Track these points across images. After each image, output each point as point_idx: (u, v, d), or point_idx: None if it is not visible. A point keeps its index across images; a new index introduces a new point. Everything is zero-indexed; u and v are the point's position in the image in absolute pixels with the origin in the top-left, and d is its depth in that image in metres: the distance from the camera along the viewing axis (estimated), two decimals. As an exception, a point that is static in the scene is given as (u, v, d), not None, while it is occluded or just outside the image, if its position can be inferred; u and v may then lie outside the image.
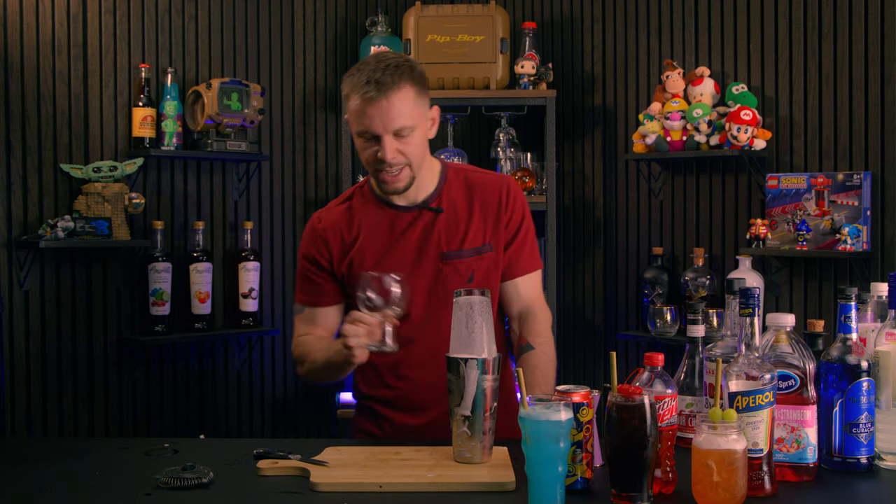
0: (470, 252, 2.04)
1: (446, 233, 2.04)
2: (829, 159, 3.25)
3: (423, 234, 2.05)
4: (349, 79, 1.96)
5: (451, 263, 2.03)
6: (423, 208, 2.06)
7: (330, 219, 2.12)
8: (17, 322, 3.12)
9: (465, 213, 2.06)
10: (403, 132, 1.95)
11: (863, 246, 3.09)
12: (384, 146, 1.94)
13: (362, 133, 1.95)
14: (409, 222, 2.06)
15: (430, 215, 2.06)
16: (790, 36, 3.34)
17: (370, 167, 2.00)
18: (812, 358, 1.61)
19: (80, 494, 1.59)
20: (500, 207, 2.08)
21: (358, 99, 1.93)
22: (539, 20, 3.88)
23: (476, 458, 1.69)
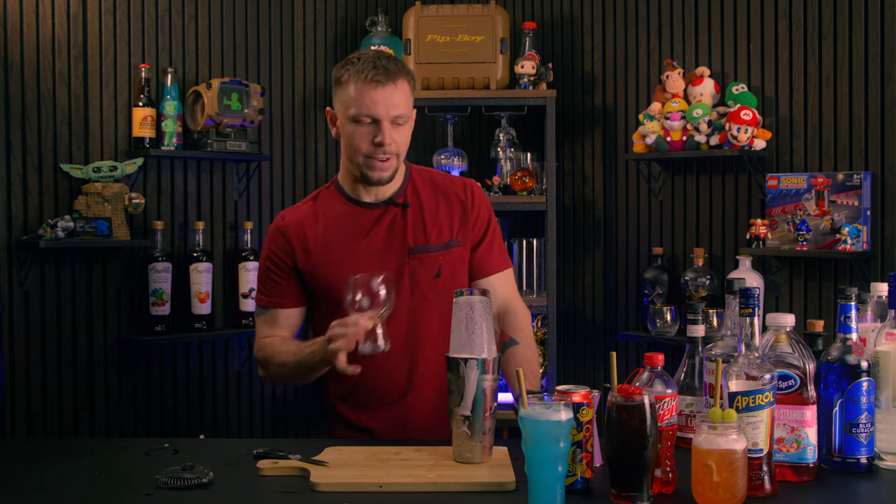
0: (437, 246, 2.07)
1: (413, 227, 2.07)
2: (829, 159, 3.25)
3: (389, 228, 2.07)
4: (349, 66, 2.00)
5: (418, 257, 2.05)
6: (389, 204, 2.09)
7: (294, 217, 2.13)
8: (17, 322, 3.12)
9: (432, 209, 2.10)
10: (400, 120, 2.00)
11: (863, 246, 3.09)
12: (384, 130, 1.98)
13: (360, 117, 1.98)
14: (376, 218, 2.08)
15: (396, 211, 2.08)
16: (790, 36, 3.34)
17: (359, 154, 2.01)
18: (812, 358, 1.61)
19: (80, 494, 1.59)
20: (466, 207, 2.12)
21: (361, 83, 1.97)
22: (539, 20, 3.89)
23: (476, 458, 1.69)
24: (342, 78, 2.01)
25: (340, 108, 2.03)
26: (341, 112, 2.03)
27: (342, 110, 2.02)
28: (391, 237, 2.07)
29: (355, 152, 2.02)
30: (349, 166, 2.07)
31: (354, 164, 2.04)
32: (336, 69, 2.05)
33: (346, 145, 2.04)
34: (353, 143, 2.01)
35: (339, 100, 2.03)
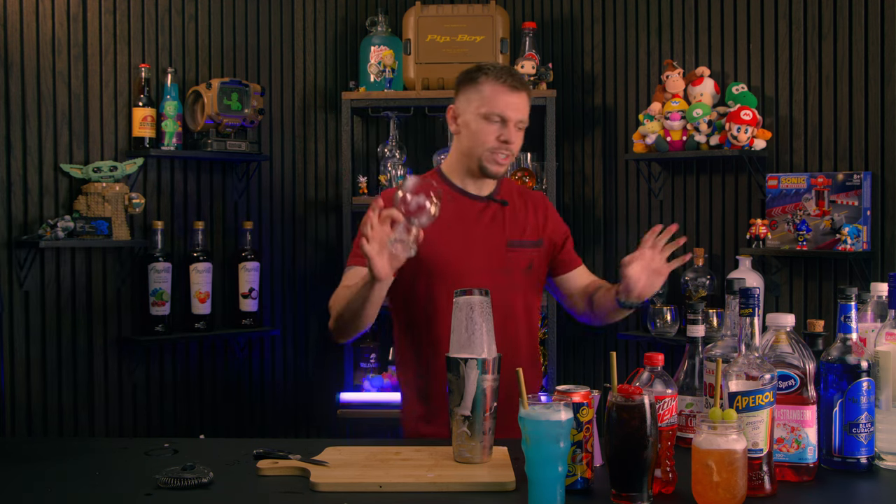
0: (530, 243, 2.26)
1: (511, 224, 2.26)
2: (829, 159, 3.25)
3: (492, 221, 2.25)
4: (487, 70, 2.23)
5: (514, 250, 2.24)
6: (490, 200, 2.27)
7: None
8: (17, 322, 3.12)
9: (523, 210, 2.30)
10: (521, 125, 2.23)
11: (863, 246, 3.09)
12: (511, 130, 2.19)
13: (491, 115, 2.18)
14: (480, 210, 2.26)
15: (497, 206, 2.27)
16: (790, 36, 3.34)
17: (483, 148, 2.19)
18: (812, 358, 1.61)
19: (80, 494, 1.59)
20: (547, 216, 2.35)
21: (499, 84, 2.20)
22: (539, 20, 3.88)
23: (476, 458, 1.69)
24: (478, 78, 2.22)
25: (469, 106, 2.22)
26: (470, 109, 2.22)
27: (472, 107, 2.21)
28: (492, 229, 2.24)
29: (479, 146, 2.20)
30: (464, 159, 2.24)
31: (474, 157, 2.22)
32: (469, 71, 2.27)
33: (470, 139, 2.22)
34: (480, 138, 2.20)
35: (469, 98, 2.23)
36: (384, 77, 3.66)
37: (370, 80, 3.71)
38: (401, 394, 2.28)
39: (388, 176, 3.66)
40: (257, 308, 3.61)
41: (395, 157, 3.68)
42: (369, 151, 3.94)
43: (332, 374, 3.89)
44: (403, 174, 3.68)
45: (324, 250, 3.92)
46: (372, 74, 3.71)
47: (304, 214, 3.88)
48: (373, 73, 3.71)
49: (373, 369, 3.69)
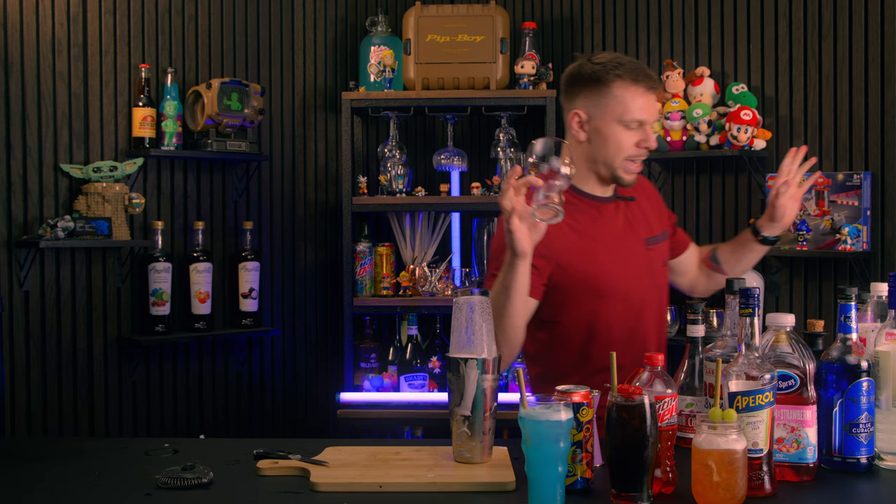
0: (662, 237, 2.19)
1: (642, 219, 2.17)
2: (829, 159, 3.25)
3: (626, 222, 2.14)
4: (619, 70, 2.02)
5: (652, 248, 2.14)
6: (618, 199, 2.15)
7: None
8: (17, 322, 3.12)
9: (646, 204, 2.21)
10: (653, 127, 2.09)
11: (863, 246, 3.09)
12: (649, 134, 2.05)
13: (630, 120, 2.02)
14: (612, 212, 2.14)
15: (625, 204, 2.16)
16: (790, 36, 3.34)
17: (620, 156, 2.05)
18: (812, 358, 1.61)
19: (80, 494, 1.59)
20: (659, 200, 2.28)
21: (635, 86, 2.02)
22: (539, 20, 3.88)
23: (476, 458, 1.69)
24: (608, 80, 2.03)
25: (599, 110, 2.04)
26: (601, 114, 2.04)
27: (603, 112, 2.03)
28: (629, 229, 2.13)
29: (616, 154, 2.05)
30: (593, 166, 2.09)
31: (608, 166, 2.07)
32: (593, 71, 2.05)
33: (604, 147, 2.05)
34: (617, 146, 2.04)
35: (598, 102, 2.04)
36: (384, 77, 3.66)
37: (370, 80, 3.71)
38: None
39: (388, 176, 3.66)
40: (257, 308, 3.61)
41: (395, 157, 3.68)
42: (369, 151, 3.94)
43: (332, 374, 3.89)
44: (403, 174, 3.68)
45: (324, 250, 3.92)
46: (372, 74, 3.71)
47: (303, 214, 3.88)
48: (373, 73, 3.71)
49: (373, 369, 3.69)
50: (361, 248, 3.66)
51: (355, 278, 3.64)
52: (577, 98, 2.08)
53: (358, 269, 3.65)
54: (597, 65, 2.05)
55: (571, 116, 2.09)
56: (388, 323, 3.94)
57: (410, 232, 3.76)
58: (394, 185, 3.66)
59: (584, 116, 2.07)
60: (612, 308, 2.05)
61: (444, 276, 3.64)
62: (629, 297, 2.07)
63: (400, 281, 3.66)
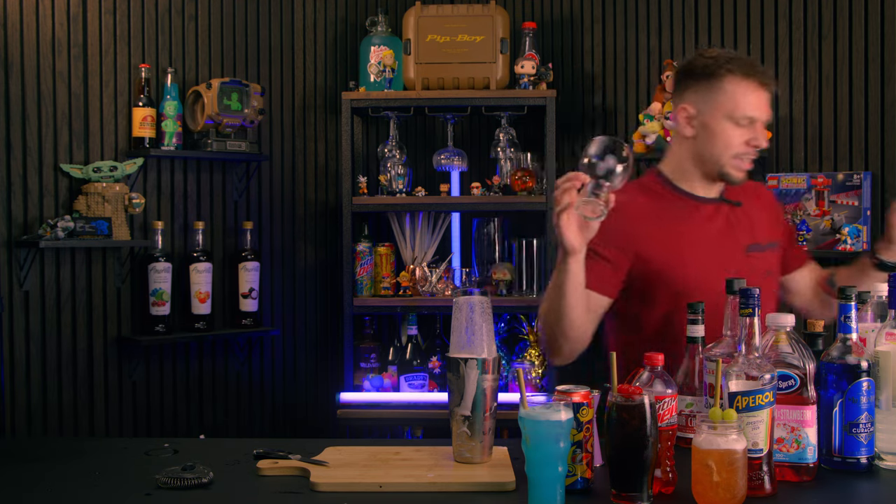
0: (767, 246, 2.08)
1: (746, 226, 2.07)
2: (829, 159, 3.25)
3: (726, 225, 2.06)
4: (731, 65, 1.97)
5: (753, 256, 2.04)
6: (721, 201, 2.07)
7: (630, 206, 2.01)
8: (17, 322, 3.12)
9: (756, 209, 2.10)
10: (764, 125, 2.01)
11: (863, 246, 3.09)
12: (759, 132, 1.98)
13: (740, 117, 1.97)
14: (711, 214, 2.06)
15: (729, 208, 2.07)
16: (790, 36, 3.34)
17: (729, 153, 2.00)
18: (812, 358, 1.61)
19: (80, 494, 1.59)
20: (776, 208, 2.17)
21: (746, 81, 1.96)
22: (539, 20, 3.88)
23: (476, 458, 1.69)
24: (719, 74, 1.98)
25: (708, 106, 2.00)
26: (710, 109, 2.00)
27: (712, 107, 1.99)
28: (728, 234, 2.05)
29: (724, 151, 2.00)
30: (700, 163, 2.04)
31: (715, 163, 2.02)
32: (705, 65, 2.00)
33: (711, 143, 2.01)
34: (726, 142, 1.99)
35: (707, 97, 2.00)
36: (384, 77, 3.66)
37: (370, 80, 3.71)
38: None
39: (388, 176, 3.66)
40: (257, 308, 3.61)
41: (395, 157, 3.68)
42: (369, 151, 3.94)
43: (332, 374, 3.89)
44: (403, 174, 3.68)
45: (324, 250, 3.92)
46: (372, 74, 3.71)
47: (303, 214, 3.88)
48: (373, 73, 3.71)
49: (373, 369, 3.69)
50: (361, 248, 3.66)
51: (355, 278, 3.64)
52: (685, 92, 2.04)
53: (358, 269, 3.65)
54: (708, 59, 2.01)
55: (679, 111, 2.05)
56: (388, 323, 3.94)
57: (410, 232, 3.76)
58: (394, 185, 3.66)
59: (691, 111, 2.03)
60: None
61: (444, 276, 3.64)
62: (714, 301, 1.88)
63: (400, 281, 3.66)
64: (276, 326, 3.77)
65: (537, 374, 3.60)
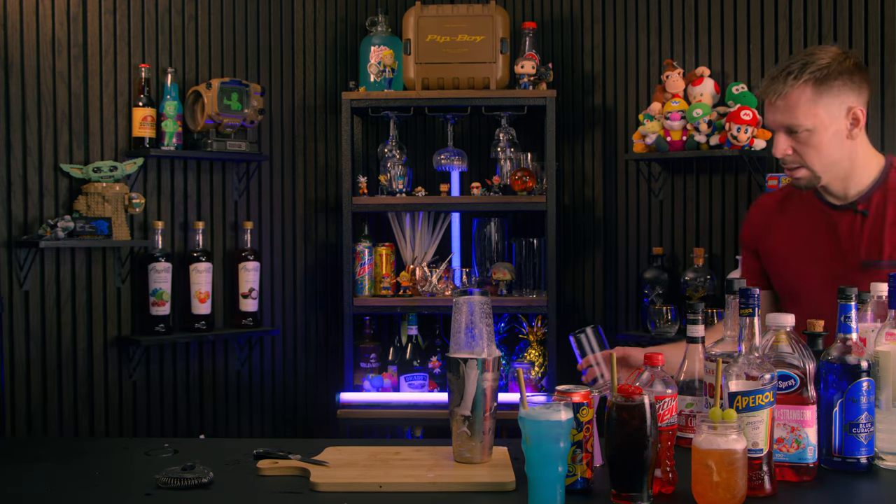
0: (889, 264, 1.92)
1: (869, 238, 1.96)
2: (829, 159, 3.24)
3: (846, 235, 1.98)
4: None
5: (868, 273, 1.91)
6: (851, 208, 1.99)
7: (769, 199, 2.18)
8: (17, 322, 3.12)
9: (892, 219, 1.95)
10: (796, 128, 1.94)
11: (863, 246, 3.09)
12: (779, 139, 1.97)
13: (766, 126, 2.06)
14: (835, 221, 2.00)
15: (856, 217, 1.99)
16: (790, 36, 3.34)
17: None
18: (812, 358, 1.61)
19: (80, 494, 1.59)
20: None
21: (765, 98, 2.00)
22: (539, 20, 3.88)
23: (476, 458, 1.69)
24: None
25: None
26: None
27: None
28: (845, 244, 1.98)
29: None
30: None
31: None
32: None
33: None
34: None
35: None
36: (384, 77, 3.66)
37: (370, 80, 3.71)
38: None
39: (388, 176, 3.66)
40: (257, 308, 3.61)
41: (395, 157, 3.68)
42: (369, 151, 3.94)
43: (332, 374, 3.89)
44: (403, 174, 3.68)
45: (324, 250, 3.92)
46: (372, 74, 3.71)
47: (303, 214, 3.88)
48: (373, 73, 3.71)
49: (373, 369, 3.69)
50: (361, 248, 3.66)
51: (355, 278, 3.64)
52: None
53: (358, 269, 3.65)
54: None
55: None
56: (388, 323, 3.94)
57: (410, 232, 3.76)
58: (394, 185, 3.66)
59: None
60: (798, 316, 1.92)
61: (444, 276, 3.64)
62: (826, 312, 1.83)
63: (400, 281, 3.66)
64: (276, 326, 3.77)
65: (537, 374, 3.60)
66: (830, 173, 1.98)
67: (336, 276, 3.88)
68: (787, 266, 2.01)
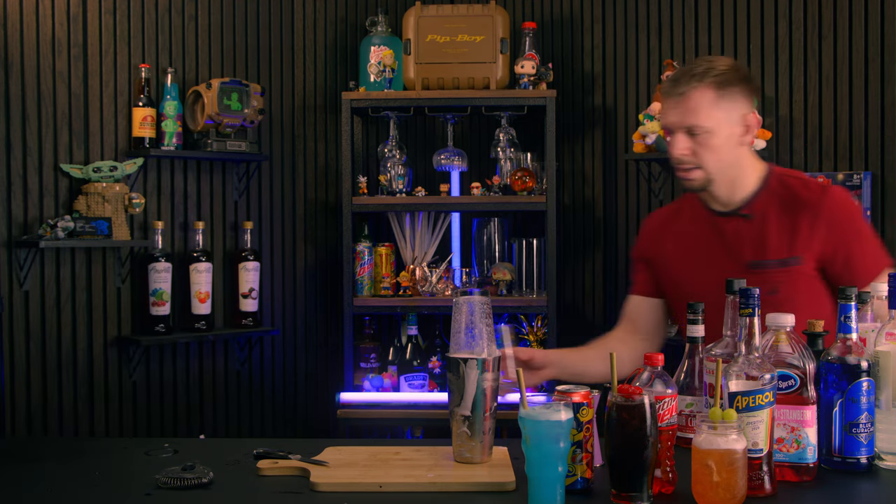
0: (774, 263, 2.01)
1: (753, 240, 2.04)
2: (829, 159, 3.25)
3: (732, 239, 2.07)
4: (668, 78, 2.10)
5: (755, 272, 1.99)
6: (734, 214, 2.08)
7: (661, 214, 2.27)
8: (17, 322, 3.12)
9: (774, 222, 2.03)
10: (696, 130, 2.00)
11: (863, 246, 3.09)
12: (677, 139, 2.04)
13: (665, 128, 2.10)
14: (721, 227, 2.09)
15: (740, 221, 2.07)
16: (790, 36, 3.34)
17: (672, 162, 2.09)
18: (812, 358, 1.61)
19: (80, 494, 1.59)
20: (814, 219, 2.01)
21: (662, 93, 2.10)
22: (539, 20, 3.89)
23: (476, 458, 1.69)
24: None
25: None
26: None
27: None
28: (732, 247, 2.06)
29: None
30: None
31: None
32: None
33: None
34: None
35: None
36: (384, 77, 3.66)
37: (370, 80, 3.71)
38: None
39: (388, 176, 3.66)
40: (257, 308, 3.61)
41: (395, 157, 3.68)
42: (369, 151, 3.94)
43: (332, 374, 3.89)
44: (403, 174, 3.68)
45: (324, 250, 3.92)
46: (372, 74, 3.71)
47: (303, 214, 3.88)
48: (373, 73, 3.71)
49: (373, 369, 3.69)
50: (361, 248, 3.66)
51: (355, 278, 3.64)
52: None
53: (358, 269, 3.65)
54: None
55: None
56: (388, 323, 3.94)
57: (410, 232, 3.76)
58: (394, 185, 3.66)
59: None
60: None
61: (444, 276, 3.64)
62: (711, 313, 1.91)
63: (400, 281, 3.66)
64: (276, 326, 3.77)
65: (537, 374, 3.59)
66: (721, 176, 2.05)
67: (336, 276, 3.88)
68: (682, 272, 2.12)
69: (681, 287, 2.13)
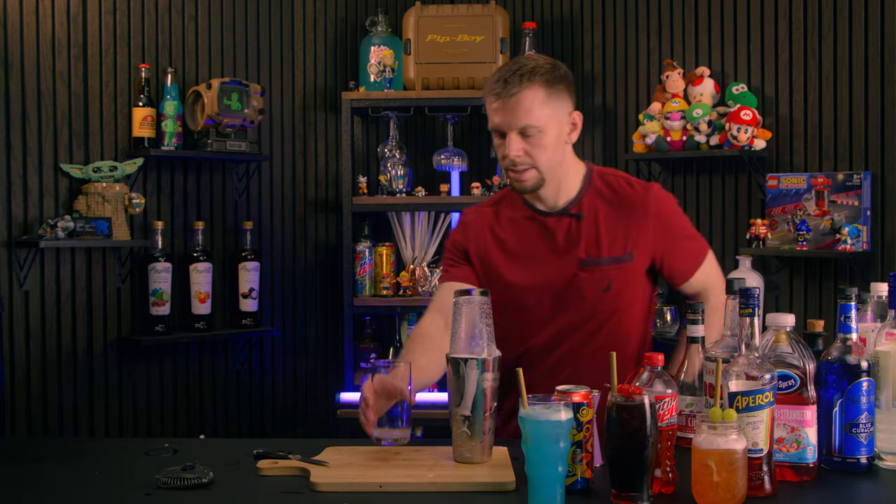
0: (608, 260, 2.02)
1: (586, 239, 2.03)
2: (829, 159, 3.25)
3: (563, 239, 2.05)
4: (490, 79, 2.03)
5: (588, 270, 2.01)
6: (563, 214, 2.06)
7: (478, 217, 2.16)
8: (17, 322, 3.12)
9: (605, 220, 2.04)
10: (530, 131, 1.99)
11: (863, 246, 3.09)
12: (511, 140, 2.00)
13: (493, 131, 2.05)
14: (550, 227, 2.07)
15: (571, 221, 2.05)
16: (790, 36, 3.34)
17: (502, 164, 2.05)
18: (812, 358, 1.61)
19: (80, 494, 1.59)
20: (642, 218, 2.04)
21: (489, 95, 2.02)
22: (539, 20, 3.88)
23: (476, 458, 1.68)
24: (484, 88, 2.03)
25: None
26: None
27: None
28: (562, 247, 2.04)
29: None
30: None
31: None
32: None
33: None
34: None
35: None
36: (384, 77, 3.66)
37: (370, 80, 3.71)
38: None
39: (388, 176, 3.66)
40: (257, 308, 3.61)
41: (395, 157, 3.68)
42: (369, 151, 3.94)
43: (332, 374, 3.89)
44: (403, 174, 3.68)
45: (324, 250, 3.92)
46: (372, 74, 3.71)
47: (303, 214, 3.88)
48: (373, 73, 3.71)
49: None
50: (361, 248, 3.66)
51: (355, 278, 3.64)
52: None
53: (358, 269, 3.65)
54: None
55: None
56: (388, 323, 3.93)
57: (410, 232, 3.76)
58: (394, 185, 3.66)
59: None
60: (525, 323, 2.04)
61: (444, 276, 3.64)
62: (543, 319, 2.03)
63: (400, 281, 3.66)
64: (276, 326, 3.77)
65: (537, 374, 3.60)
66: (552, 175, 2.04)
67: (336, 276, 3.87)
68: (510, 270, 2.05)
69: (511, 285, 2.06)
